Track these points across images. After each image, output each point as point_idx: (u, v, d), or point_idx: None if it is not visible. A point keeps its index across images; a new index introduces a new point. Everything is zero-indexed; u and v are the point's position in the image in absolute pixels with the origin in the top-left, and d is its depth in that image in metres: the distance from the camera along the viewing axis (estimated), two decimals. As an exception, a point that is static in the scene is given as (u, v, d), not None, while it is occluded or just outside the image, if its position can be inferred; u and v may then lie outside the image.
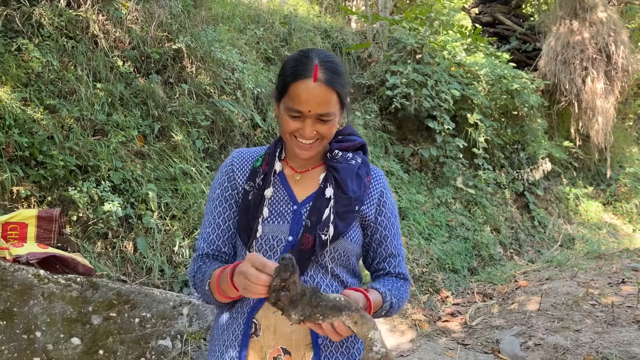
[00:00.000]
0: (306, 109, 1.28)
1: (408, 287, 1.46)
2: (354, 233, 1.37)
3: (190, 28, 4.47)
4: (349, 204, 1.35)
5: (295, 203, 1.37)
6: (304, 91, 1.28)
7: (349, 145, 1.45)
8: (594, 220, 8.30)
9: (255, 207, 1.35)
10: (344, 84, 1.35)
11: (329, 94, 1.29)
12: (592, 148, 8.64)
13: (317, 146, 1.35)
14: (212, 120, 4.30)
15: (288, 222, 1.34)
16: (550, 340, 3.25)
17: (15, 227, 1.87)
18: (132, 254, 3.29)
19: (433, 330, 3.83)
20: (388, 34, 7.16)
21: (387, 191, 1.47)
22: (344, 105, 1.38)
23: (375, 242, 1.44)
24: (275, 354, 1.30)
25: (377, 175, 1.46)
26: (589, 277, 4.70)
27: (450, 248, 5.73)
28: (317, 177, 1.41)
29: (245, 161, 1.45)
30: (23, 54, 3.47)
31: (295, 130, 1.32)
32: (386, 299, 1.33)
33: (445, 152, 6.57)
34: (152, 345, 1.90)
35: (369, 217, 1.41)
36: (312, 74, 1.28)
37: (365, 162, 1.45)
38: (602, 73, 7.90)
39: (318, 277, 1.34)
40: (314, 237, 1.30)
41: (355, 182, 1.38)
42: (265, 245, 1.33)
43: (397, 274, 1.45)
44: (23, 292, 1.66)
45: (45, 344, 1.66)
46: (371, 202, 1.41)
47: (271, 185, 1.38)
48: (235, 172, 1.44)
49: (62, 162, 3.16)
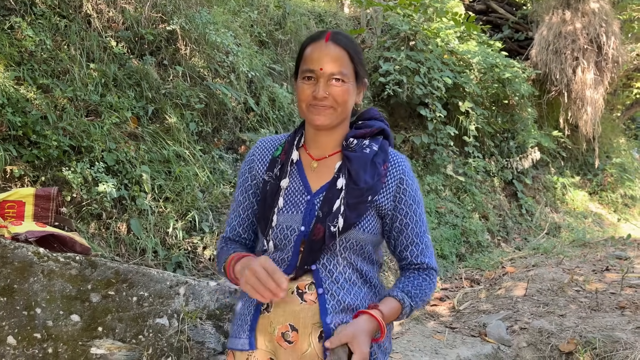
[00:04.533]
0: (318, 66, 1.32)
1: (433, 278, 1.45)
2: (367, 223, 1.37)
3: (185, 10, 4.43)
4: (360, 195, 1.35)
5: (309, 193, 1.39)
6: (316, 50, 1.35)
7: (366, 131, 1.44)
8: (580, 209, 8.44)
9: (272, 197, 1.39)
10: (358, 51, 1.39)
11: (341, 53, 1.34)
12: (580, 138, 8.75)
13: (331, 113, 1.35)
14: (206, 103, 4.29)
15: (301, 212, 1.37)
16: (536, 325, 3.33)
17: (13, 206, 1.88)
18: (126, 235, 3.30)
19: (422, 314, 3.91)
20: (382, 20, 7.14)
21: (408, 177, 1.43)
22: (359, 77, 1.40)
23: (395, 231, 1.43)
24: (283, 330, 1.33)
25: (396, 162, 1.43)
26: (574, 265, 4.81)
27: (439, 234, 5.81)
28: (333, 165, 1.41)
29: (266, 150, 1.48)
30: (16, 32, 3.43)
31: (310, 94, 1.34)
32: (405, 305, 1.36)
33: (437, 140, 6.62)
34: (149, 323, 1.93)
35: (386, 206, 1.39)
36: (324, 36, 1.36)
37: (383, 149, 1.43)
38: (592, 63, 7.98)
39: (331, 265, 1.36)
40: (324, 228, 1.32)
41: (369, 172, 1.37)
42: (280, 234, 1.37)
43: (419, 264, 1.43)
44: (23, 270, 1.68)
45: (46, 320, 1.69)
46: (388, 191, 1.40)
47: (287, 175, 1.40)
48: (256, 162, 1.48)
49: (56, 142, 3.15)
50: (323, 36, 1.36)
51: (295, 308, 1.33)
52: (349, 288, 1.37)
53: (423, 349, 3.17)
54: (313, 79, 1.34)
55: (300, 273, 1.36)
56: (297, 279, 1.36)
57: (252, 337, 1.36)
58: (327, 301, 1.33)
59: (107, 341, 1.77)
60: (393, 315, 1.35)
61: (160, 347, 1.92)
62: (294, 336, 1.33)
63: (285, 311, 1.34)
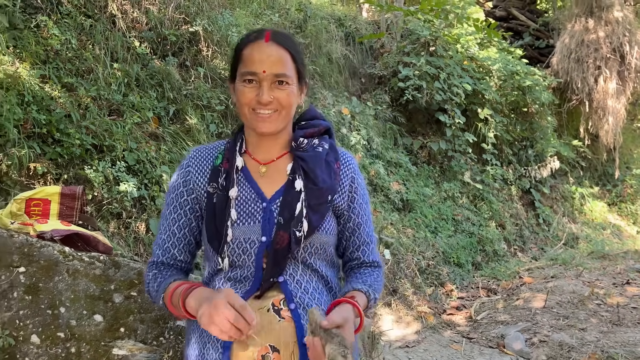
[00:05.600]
0: (260, 69, 1.22)
1: (382, 274, 1.42)
2: (328, 224, 1.31)
3: (208, 11, 4.45)
4: (321, 195, 1.28)
5: (264, 200, 1.28)
6: (256, 51, 1.24)
7: (314, 130, 1.37)
8: (598, 220, 8.31)
9: (222, 210, 1.26)
10: (299, 51, 1.30)
11: (283, 54, 1.25)
12: (600, 148, 8.62)
13: (276, 118, 1.26)
14: (226, 105, 4.30)
15: (259, 221, 1.25)
16: (556, 338, 3.27)
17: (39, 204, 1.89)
18: (145, 234, 3.31)
19: (438, 323, 3.87)
20: (402, 24, 7.11)
21: (358, 176, 1.39)
22: (302, 79, 1.31)
23: (348, 231, 1.38)
24: (263, 352, 1.19)
25: (346, 160, 1.38)
26: (594, 277, 4.73)
27: (456, 242, 5.75)
28: (284, 168, 1.32)
29: (204, 160, 1.35)
30: (42, 30, 3.46)
31: (253, 98, 1.24)
32: (370, 298, 1.30)
33: (454, 146, 6.57)
34: (170, 325, 1.93)
35: (342, 206, 1.35)
36: (264, 36, 1.26)
37: (332, 147, 1.37)
38: (614, 73, 7.86)
39: (298, 275, 1.27)
40: (289, 235, 1.23)
41: (325, 171, 1.30)
42: (238, 249, 1.24)
43: (370, 262, 1.40)
44: (49, 268, 1.68)
45: (69, 320, 1.69)
46: (343, 190, 1.34)
47: (235, 184, 1.28)
48: (192, 174, 1.33)
49: (79, 141, 3.17)
50: (262, 36, 1.25)
51: (274, 327, 1.21)
52: (318, 296, 1.29)
53: (440, 358, 3.13)
54: (255, 82, 1.24)
55: (266, 287, 1.23)
56: (262, 296, 1.24)
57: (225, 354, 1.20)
58: (301, 316, 1.23)
59: (128, 342, 1.77)
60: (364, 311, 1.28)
61: (181, 349, 1.91)
62: (275, 358, 1.19)
63: (262, 331, 1.20)
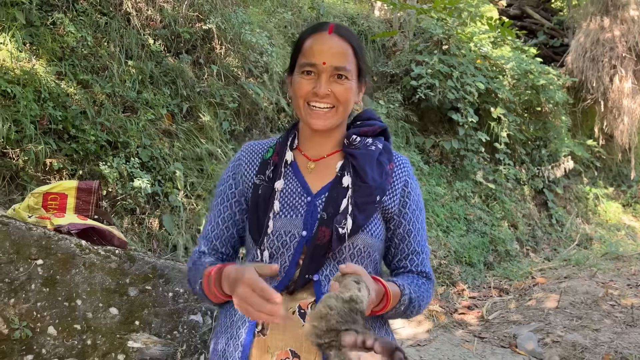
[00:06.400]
0: (320, 60, 1.19)
1: (431, 287, 1.32)
2: (375, 227, 1.24)
3: (221, 9, 4.47)
4: (369, 194, 1.22)
5: (309, 194, 1.24)
6: (318, 42, 1.21)
7: (368, 129, 1.31)
8: (612, 221, 8.22)
9: (265, 201, 1.23)
10: (361, 47, 1.27)
11: (345, 46, 1.22)
12: (615, 148, 8.52)
13: (332, 115, 1.22)
14: (239, 103, 4.32)
15: (302, 215, 1.21)
16: (569, 338, 3.25)
17: (56, 198, 1.92)
18: (158, 230, 3.34)
19: (449, 322, 3.85)
20: (415, 23, 7.09)
21: (413, 181, 1.32)
22: (362, 76, 1.27)
23: (397, 238, 1.30)
24: (283, 356, 1.15)
25: (401, 163, 1.32)
26: (608, 278, 4.68)
27: (468, 242, 5.72)
28: (334, 165, 1.27)
29: (255, 153, 1.33)
30: (58, 28, 3.50)
31: (309, 90, 1.20)
32: (404, 292, 1.21)
33: (467, 146, 6.54)
34: (184, 319, 1.94)
35: (392, 210, 1.27)
36: (327, 28, 1.23)
37: (387, 149, 1.31)
38: (630, 72, 7.76)
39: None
40: (331, 231, 1.17)
41: (376, 170, 1.25)
42: (278, 241, 1.20)
43: (419, 272, 1.31)
44: (66, 261, 1.70)
45: (86, 312, 1.71)
46: (394, 193, 1.28)
47: (282, 177, 1.25)
48: (243, 167, 1.32)
49: (94, 137, 3.21)
50: (326, 27, 1.22)
51: (297, 331, 1.15)
52: None
53: (452, 357, 3.12)
54: (313, 73, 1.20)
55: (300, 284, 1.18)
56: (294, 293, 1.19)
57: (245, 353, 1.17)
58: None
59: (143, 335, 1.78)
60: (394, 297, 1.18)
61: (194, 343, 1.93)
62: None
63: (285, 334, 1.16)
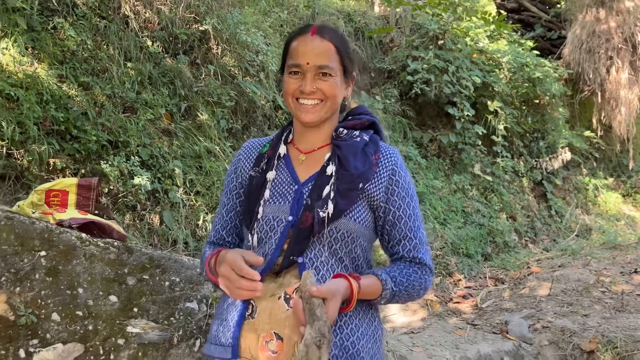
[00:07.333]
0: (304, 61, 1.31)
1: (426, 275, 1.36)
2: (358, 213, 1.31)
3: (217, 10, 4.58)
4: (351, 181, 1.30)
5: (297, 183, 1.35)
6: (302, 43, 1.33)
7: (357, 123, 1.42)
8: (612, 211, 8.27)
9: (258, 189, 1.35)
10: (344, 45, 1.38)
11: (327, 46, 1.33)
12: (613, 139, 8.57)
13: (320, 109, 1.34)
14: (236, 101, 4.43)
15: (289, 201, 1.32)
16: (558, 324, 3.34)
17: (58, 194, 2.04)
18: (159, 226, 3.46)
19: (444, 311, 3.95)
20: (411, 19, 7.17)
21: (401, 170, 1.38)
22: (347, 71, 1.37)
23: (388, 224, 1.36)
24: (267, 338, 1.24)
25: (388, 154, 1.39)
26: (602, 266, 4.76)
27: (465, 233, 5.81)
28: (323, 157, 1.38)
29: (253, 149, 1.47)
30: (59, 32, 3.62)
31: (296, 89, 1.32)
32: (385, 287, 1.28)
33: (464, 139, 6.62)
34: (180, 307, 2.06)
35: (377, 197, 1.34)
36: (310, 30, 1.35)
37: (374, 141, 1.40)
38: (627, 63, 7.81)
39: (318, 261, 1.28)
40: (313, 215, 1.26)
41: (359, 159, 1.33)
42: (266, 225, 1.31)
43: (411, 259, 1.35)
44: (67, 253, 1.82)
45: (87, 300, 1.83)
46: (380, 181, 1.34)
47: (274, 168, 1.38)
48: (242, 162, 1.46)
49: (95, 137, 3.33)
50: (309, 30, 1.34)
51: (280, 316, 1.23)
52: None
53: (444, 343, 3.23)
54: (300, 73, 1.32)
55: (285, 264, 1.27)
56: (280, 273, 1.28)
57: (235, 345, 1.26)
58: None
59: (141, 321, 1.90)
60: (369, 293, 1.27)
61: (190, 329, 2.04)
62: (278, 345, 1.22)
63: (270, 318, 1.24)
